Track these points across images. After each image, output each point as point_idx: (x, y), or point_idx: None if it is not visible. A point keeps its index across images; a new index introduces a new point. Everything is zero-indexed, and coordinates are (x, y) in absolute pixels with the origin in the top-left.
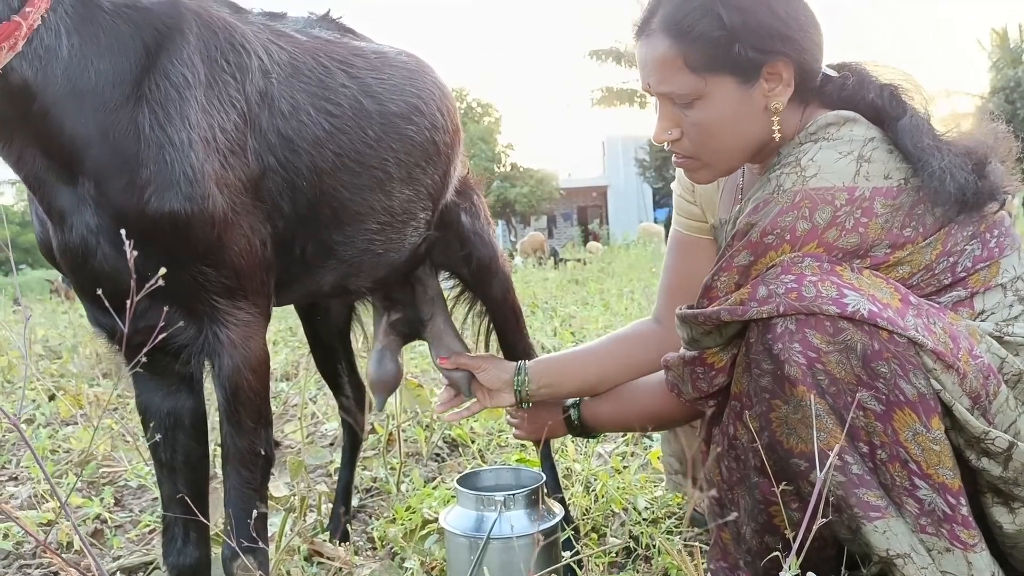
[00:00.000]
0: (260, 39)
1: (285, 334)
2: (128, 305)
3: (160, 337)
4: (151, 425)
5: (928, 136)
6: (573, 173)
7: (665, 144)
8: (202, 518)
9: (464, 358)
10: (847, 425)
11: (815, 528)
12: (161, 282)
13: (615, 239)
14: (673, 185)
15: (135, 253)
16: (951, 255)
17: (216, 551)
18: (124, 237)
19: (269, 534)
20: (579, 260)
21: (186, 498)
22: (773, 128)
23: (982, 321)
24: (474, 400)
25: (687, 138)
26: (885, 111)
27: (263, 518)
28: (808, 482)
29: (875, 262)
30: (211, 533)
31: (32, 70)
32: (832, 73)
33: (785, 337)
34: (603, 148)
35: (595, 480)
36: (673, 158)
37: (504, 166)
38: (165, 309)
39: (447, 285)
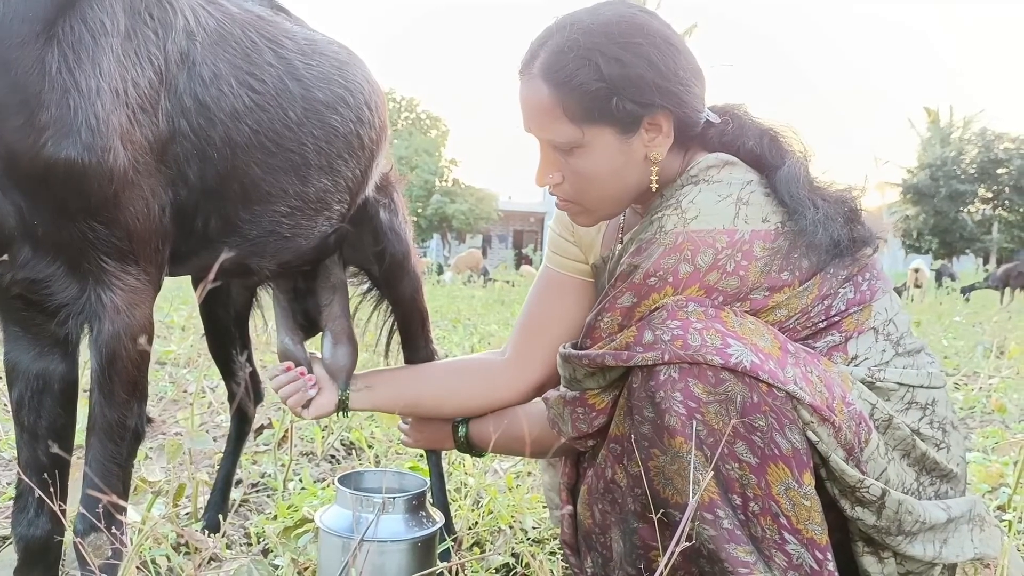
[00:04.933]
0: (189, 1)
1: (196, 320)
2: None
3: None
4: (17, 386)
5: (804, 186)
6: (513, 196)
7: (547, 188)
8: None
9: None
10: (721, 477)
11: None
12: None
13: None
14: (551, 223)
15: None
16: (826, 298)
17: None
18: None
19: (135, 517)
20: (508, 282)
21: (44, 467)
22: (651, 177)
23: (855, 367)
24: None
25: (568, 183)
26: (764, 158)
27: (124, 496)
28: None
29: (754, 306)
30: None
31: None
32: (714, 118)
33: (667, 385)
34: None
35: (485, 495)
36: (555, 201)
37: (446, 181)
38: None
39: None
